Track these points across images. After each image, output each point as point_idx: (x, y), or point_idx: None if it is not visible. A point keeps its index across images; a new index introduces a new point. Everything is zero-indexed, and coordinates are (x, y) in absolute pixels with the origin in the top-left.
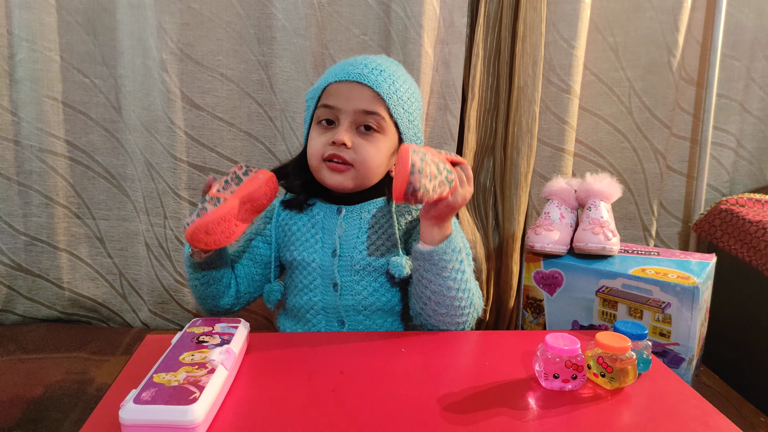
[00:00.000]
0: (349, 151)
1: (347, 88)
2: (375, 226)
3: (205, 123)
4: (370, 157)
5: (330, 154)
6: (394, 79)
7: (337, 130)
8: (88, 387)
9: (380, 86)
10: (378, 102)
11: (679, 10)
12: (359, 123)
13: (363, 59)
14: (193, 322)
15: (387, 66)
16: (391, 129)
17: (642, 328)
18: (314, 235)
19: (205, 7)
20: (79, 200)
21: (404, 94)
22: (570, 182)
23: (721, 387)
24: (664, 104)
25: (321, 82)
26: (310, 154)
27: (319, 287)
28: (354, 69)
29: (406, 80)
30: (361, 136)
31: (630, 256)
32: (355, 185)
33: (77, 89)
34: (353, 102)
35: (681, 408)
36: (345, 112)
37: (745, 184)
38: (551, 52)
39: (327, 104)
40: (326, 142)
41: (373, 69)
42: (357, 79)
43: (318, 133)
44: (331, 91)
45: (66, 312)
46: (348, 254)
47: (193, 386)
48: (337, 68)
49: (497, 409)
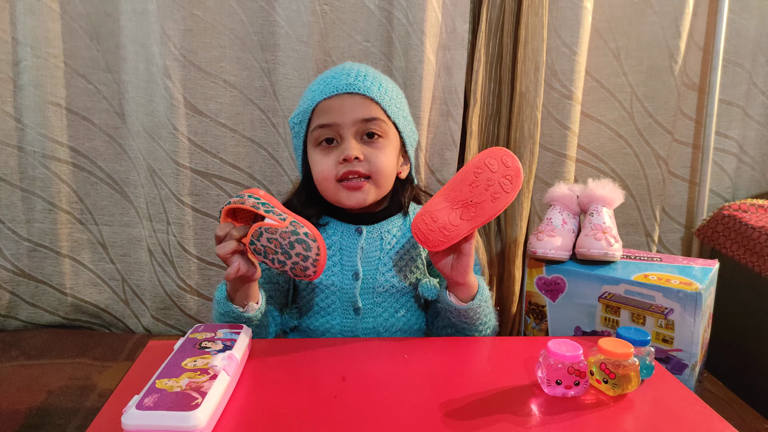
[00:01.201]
0: (363, 163)
1: (339, 102)
2: (395, 246)
3: (208, 129)
4: (383, 164)
5: (345, 173)
6: (380, 80)
7: (343, 146)
8: (91, 393)
9: (371, 90)
10: (374, 106)
11: (681, 15)
12: (362, 132)
13: (342, 69)
14: (195, 328)
15: (367, 70)
16: (392, 130)
17: (645, 334)
18: (331, 256)
19: (208, 14)
20: (82, 206)
21: (393, 93)
22: (572, 188)
23: (725, 393)
24: (666, 110)
25: (307, 104)
26: (322, 179)
27: (338, 310)
28: (340, 81)
29: (387, 79)
30: (368, 145)
31: (632, 262)
32: (374, 198)
33: (81, 95)
34: (350, 113)
35: (684, 414)
36: (345, 126)
37: (747, 190)
38: (553, 58)
39: (323, 123)
40: (335, 162)
41: (358, 76)
42: (347, 90)
43: (322, 155)
44: (323, 109)
45: (68, 318)
46: (370, 276)
47: (195, 392)
48: (321, 85)
49: (500, 415)
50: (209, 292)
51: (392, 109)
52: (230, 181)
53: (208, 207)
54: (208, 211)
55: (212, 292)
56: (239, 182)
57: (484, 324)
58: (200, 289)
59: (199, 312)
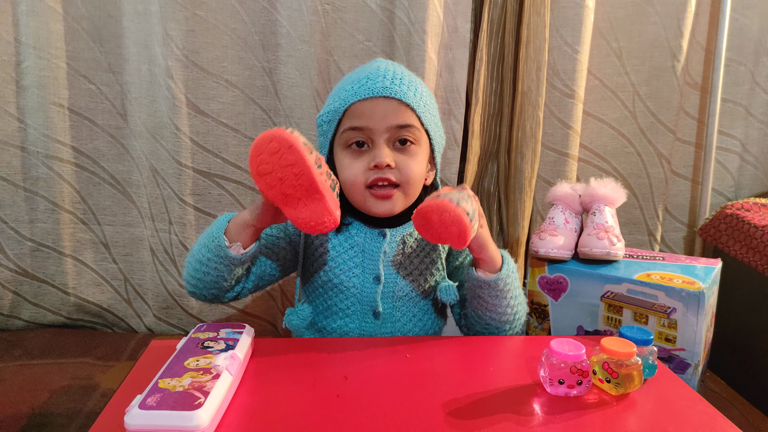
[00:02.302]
0: (394, 171)
1: (373, 105)
2: (417, 249)
3: (210, 129)
4: (414, 172)
5: (375, 179)
6: (415, 84)
7: (375, 152)
8: (93, 392)
9: (407, 96)
10: (408, 113)
11: (683, 14)
12: (394, 139)
13: (377, 70)
14: (198, 327)
15: (403, 72)
16: (423, 137)
17: (647, 334)
18: (353, 257)
19: (210, 14)
20: (84, 206)
21: (427, 98)
22: (574, 187)
23: (728, 392)
24: (668, 109)
25: (338, 104)
26: (350, 183)
27: (357, 313)
28: (375, 83)
29: (421, 82)
30: (400, 152)
31: (635, 261)
32: (402, 207)
33: (83, 96)
34: (385, 119)
35: (687, 413)
36: (378, 131)
37: (750, 189)
38: (555, 57)
39: (355, 126)
40: (365, 167)
41: (394, 79)
42: (383, 94)
43: (351, 159)
44: (356, 112)
45: (71, 317)
46: (392, 280)
47: (198, 392)
48: (355, 85)
49: (502, 414)
50: None
51: (426, 115)
52: (232, 180)
53: (210, 207)
54: (210, 210)
55: None
56: (241, 182)
57: (516, 299)
58: None
59: (201, 311)
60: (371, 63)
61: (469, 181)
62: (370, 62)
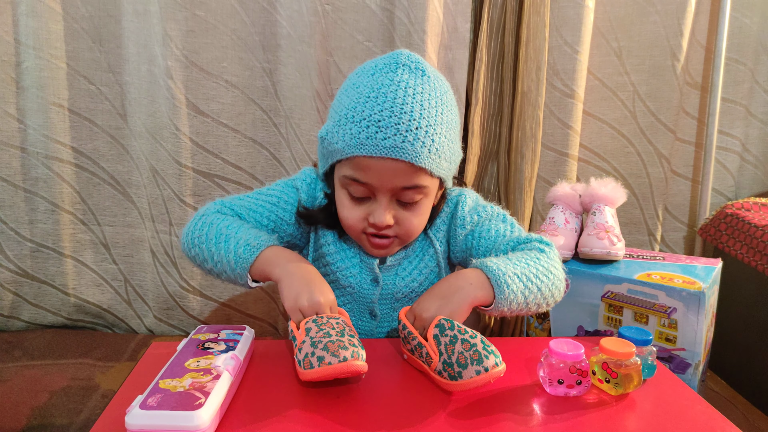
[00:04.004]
0: (393, 227)
1: (380, 164)
2: (416, 251)
3: (210, 129)
4: (414, 227)
5: (372, 233)
6: (432, 133)
7: (375, 210)
8: (94, 393)
9: (419, 156)
10: (419, 173)
11: (683, 14)
12: (398, 195)
13: (391, 110)
14: (198, 329)
15: (420, 113)
16: (433, 187)
17: (646, 334)
18: (351, 257)
19: (210, 14)
20: (84, 207)
21: (446, 143)
22: (574, 187)
23: (728, 392)
24: (668, 108)
25: (342, 146)
26: (347, 226)
27: (354, 311)
28: (385, 139)
29: (443, 121)
30: (403, 207)
31: (635, 261)
32: (399, 248)
33: (83, 96)
34: (391, 180)
35: (686, 413)
36: (381, 189)
37: (750, 188)
38: (555, 57)
39: (357, 179)
40: (363, 217)
41: (408, 133)
42: (390, 155)
43: (350, 203)
44: (360, 165)
45: (71, 318)
46: (390, 282)
47: (198, 392)
48: (362, 132)
49: (502, 414)
50: (212, 293)
51: (441, 167)
52: (232, 181)
53: None
54: None
55: (215, 293)
56: (241, 182)
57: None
58: (203, 290)
59: (201, 312)
60: (389, 78)
61: (469, 181)
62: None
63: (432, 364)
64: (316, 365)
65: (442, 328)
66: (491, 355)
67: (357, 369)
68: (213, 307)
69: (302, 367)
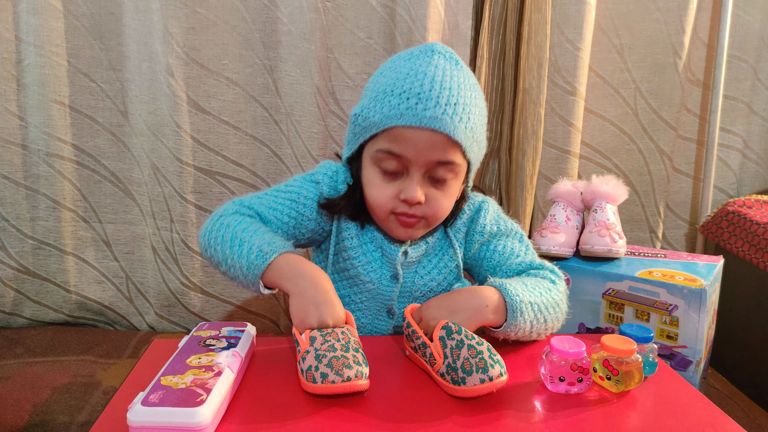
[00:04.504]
0: (422, 207)
1: (418, 135)
2: (436, 249)
3: (211, 127)
4: (443, 209)
5: (401, 212)
6: (468, 110)
7: (408, 186)
8: (95, 390)
9: (457, 130)
10: (454, 149)
11: (685, 11)
12: (431, 171)
13: (431, 87)
14: (200, 326)
15: (459, 90)
16: (463, 168)
17: (648, 331)
18: (372, 251)
19: (210, 11)
20: (85, 204)
21: (478, 125)
22: (576, 184)
23: (729, 389)
24: (670, 106)
25: (379, 118)
26: (376, 205)
27: (372, 309)
28: (425, 110)
29: (475, 96)
30: (434, 186)
31: (636, 259)
32: (423, 233)
33: (84, 93)
34: (427, 152)
35: (688, 411)
36: (416, 163)
37: (752, 186)
38: (556, 54)
39: (393, 152)
40: (395, 195)
41: (447, 105)
42: (430, 126)
43: (382, 180)
44: (397, 136)
45: (73, 315)
46: (410, 279)
47: (200, 389)
48: (402, 103)
49: (503, 411)
50: (213, 290)
51: (473, 148)
52: (233, 178)
53: (211, 204)
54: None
55: (216, 290)
56: (242, 180)
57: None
58: (204, 287)
59: (203, 309)
60: (426, 59)
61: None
62: (425, 54)
63: (435, 365)
64: (319, 381)
65: (449, 330)
66: (497, 365)
67: (359, 389)
68: (214, 304)
69: (305, 378)
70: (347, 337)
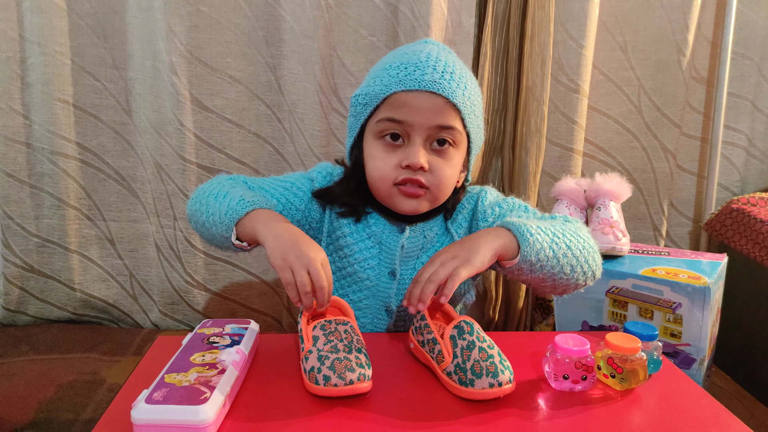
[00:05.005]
0: (426, 174)
1: (417, 99)
2: (435, 243)
3: (214, 125)
4: (447, 177)
5: (404, 179)
6: (465, 80)
7: (410, 151)
8: (99, 387)
9: (455, 94)
10: (453, 113)
11: (689, 8)
12: (432, 138)
13: (427, 57)
14: (203, 323)
15: (455, 63)
16: (463, 139)
17: (652, 329)
18: (370, 248)
19: (213, 9)
20: (89, 202)
21: (475, 96)
22: (579, 182)
23: (733, 387)
24: (674, 103)
25: (379, 89)
26: (378, 177)
27: (370, 307)
28: (424, 75)
29: (471, 76)
30: (436, 153)
31: (640, 257)
32: (427, 209)
33: (88, 92)
34: (427, 116)
35: (692, 409)
36: (417, 127)
37: (756, 183)
38: (560, 52)
39: (394, 118)
40: (397, 164)
41: (444, 72)
42: (430, 89)
43: (384, 152)
44: (397, 102)
45: (77, 313)
46: (408, 276)
47: (203, 386)
48: (401, 71)
49: (507, 409)
50: (216, 287)
51: (471, 117)
52: None
53: None
54: None
55: (219, 287)
56: None
57: (565, 258)
58: (207, 284)
59: (206, 307)
60: (421, 45)
61: (473, 176)
62: (419, 42)
63: (443, 363)
64: (322, 383)
65: (461, 330)
66: (506, 371)
67: (362, 391)
68: (217, 301)
69: (308, 378)
70: (350, 337)
